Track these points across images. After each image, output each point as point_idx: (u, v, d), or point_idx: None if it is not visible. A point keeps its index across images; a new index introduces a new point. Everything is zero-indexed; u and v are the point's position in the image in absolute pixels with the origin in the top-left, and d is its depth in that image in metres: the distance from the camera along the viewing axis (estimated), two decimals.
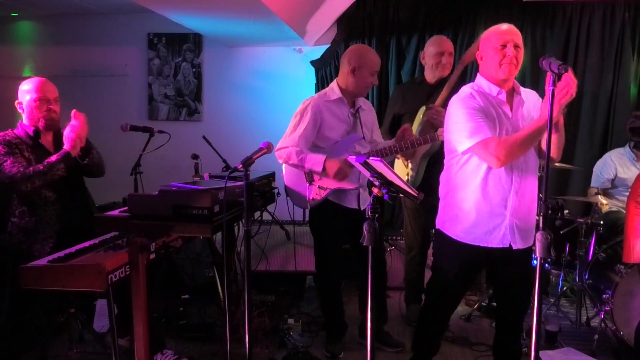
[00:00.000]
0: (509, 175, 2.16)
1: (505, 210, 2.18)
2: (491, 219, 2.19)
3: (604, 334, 3.09)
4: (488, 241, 2.21)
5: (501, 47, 2.13)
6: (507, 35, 2.14)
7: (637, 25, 4.31)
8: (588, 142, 4.41)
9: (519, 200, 2.17)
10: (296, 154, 2.76)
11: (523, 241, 2.21)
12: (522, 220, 2.19)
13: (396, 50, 4.63)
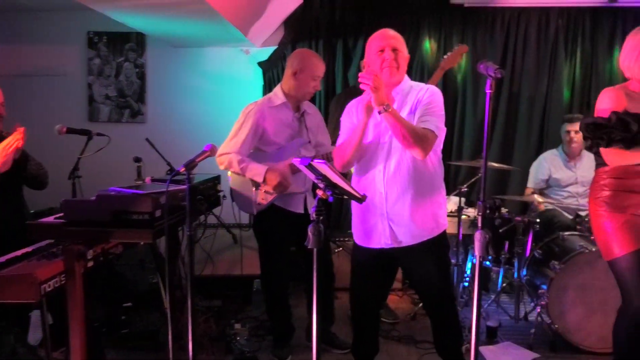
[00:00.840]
0: (377, 174, 2.23)
1: (376, 209, 2.25)
2: (368, 219, 2.28)
3: (541, 327, 3.23)
4: (371, 242, 2.29)
5: (379, 52, 2.20)
6: (383, 40, 2.22)
7: (569, 32, 4.52)
8: (525, 144, 4.59)
9: (392, 198, 2.21)
10: (238, 162, 2.74)
11: (407, 238, 2.24)
12: (399, 218, 2.22)
13: (343, 52, 4.67)
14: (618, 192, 2.30)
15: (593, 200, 2.40)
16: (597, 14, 4.46)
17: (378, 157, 2.24)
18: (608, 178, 2.34)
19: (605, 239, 2.33)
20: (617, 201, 2.30)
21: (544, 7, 4.48)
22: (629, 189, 2.29)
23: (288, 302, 3.10)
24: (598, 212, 2.36)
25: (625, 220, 2.27)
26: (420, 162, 2.22)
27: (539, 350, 3.08)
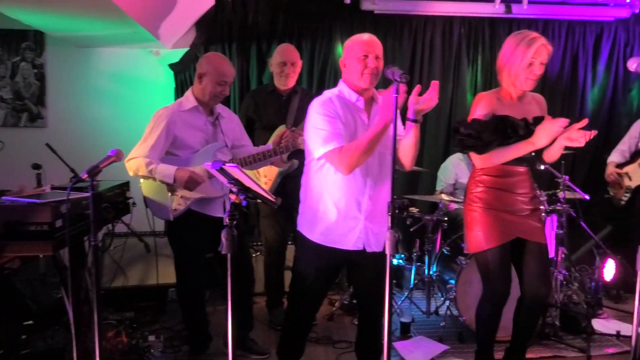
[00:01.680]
0: (364, 179, 2.25)
1: (360, 213, 2.26)
2: (346, 221, 2.27)
3: (450, 320, 3.39)
4: (343, 243, 2.28)
5: (363, 57, 2.21)
6: (369, 47, 2.23)
7: (471, 40, 4.80)
8: (433, 146, 4.81)
9: (373, 204, 2.27)
10: (146, 165, 2.63)
11: (378, 244, 2.30)
12: (376, 224, 2.29)
13: (257, 56, 4.64)
14: (491, 189, 2.49)
15: (468, 194, 2.58)
16: (495, 24, 4.76)
17: (368, 161, 2.23)
18: (483, 175, 2.53)
19: (474, 232, 2.51)
20: (490, 198, 2.48)
21: (447, 16, 4.72)
22: (501, 187, 2.48)
23: (205, 310, 3.03)
24: (471, 206, 2.54)
25: (496, 217, 2.46)
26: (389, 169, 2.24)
27: (448, 342, 3.24)
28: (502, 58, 2.48)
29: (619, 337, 3.31)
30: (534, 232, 2.53)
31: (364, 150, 2.11)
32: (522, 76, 2.40)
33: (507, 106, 2.48)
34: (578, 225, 3.88)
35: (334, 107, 2.23)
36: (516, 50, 2.40)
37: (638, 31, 4.86)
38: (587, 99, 4.94)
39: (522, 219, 2.51)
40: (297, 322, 2.48)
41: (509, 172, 2.50)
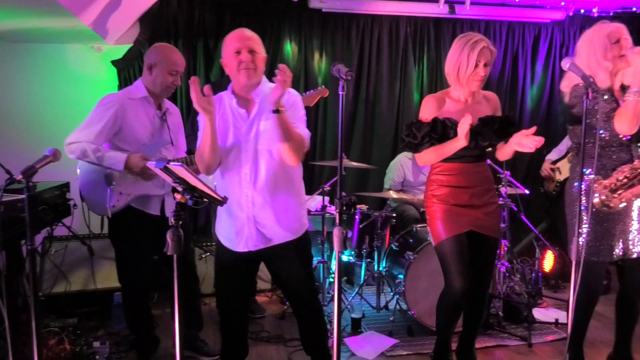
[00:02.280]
0: (239, 179, 2.23)
1: (242, 212, 2.24)
2: (234, 223, 2.27)
3: (399, 315, 3.45)
4: (237, 246, 2.29)
5: (236, 53, 2.18)
6: (239, 42, 2.19)
7: (417, 39, 4.91)
8: (382, 143, 4.89)
9: (257, 204, 2.23)
10: (93, 152, 2.54)
11: (270, 241, 2.28)
12: (266, 221, 2.25)
13: (204, 53, 4.58)
14: (444, 187, 2.61)
15: (427, 192, 2.70)
16: (440, 24, 4.89)
17: (242, 160, 2.22)
18: (435, 174, 2.66)
19: (433, 227, 2.63)
20: (444, 194, 2.60)
21: (394, 16, 4.80)
22: (453, 184, 2.59)
23: (150, 312, 2.95)
24: (430, 202, 2.65)
25: (451, 210, 2.57)
26: (285, 166, 2.25)
27: (398, 336, 3.30)
28: (449, 61, 2.56)
29: (557, 324, 3.48)
30: (488, 227, 2.62)
31: (201, 152, 2.16)
32: (468, 78, 2.49)
33: (454, 107, 2.56)
34: (519, 219, 4.04)
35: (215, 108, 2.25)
36: (461, 53, 2.48)
37: (572, 32, 5.11)
38: (527, 97, 5.15)
39: (477, 213, 2.59)
40: (227, 321, 2.45)
41: (459, 170, 2.57)
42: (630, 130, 2.37)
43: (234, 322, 2.45)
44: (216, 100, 2.24)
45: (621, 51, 2.41)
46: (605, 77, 2.45)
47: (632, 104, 2.32)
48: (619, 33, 2.43)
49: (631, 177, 2.41)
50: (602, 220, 2.48)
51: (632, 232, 2.51)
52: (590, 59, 2.46)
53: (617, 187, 2.42)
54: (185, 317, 2.87)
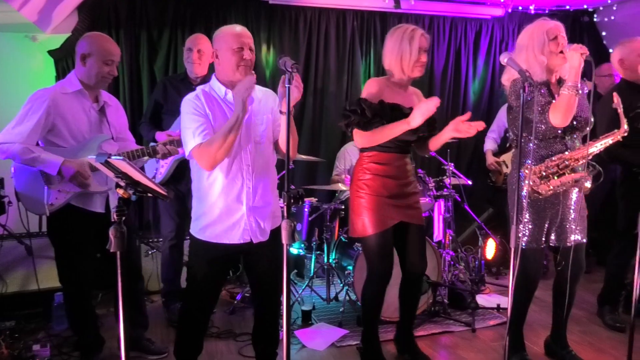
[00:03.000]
0: (241, 172, 2.24)
1: (242, 206, 2.25)
2: (229, 215, 2.25)
3: (349, 305, 3.50)
4: (230, 238, 2.27)
5: (238, 49, 2.18)
6: (243, 39, 2.19)
7: (363, 33, 4.95)
8: (331, 136, 4.91)
9: (255, 195, 2.27)
10: (25, 152, 2.41)
11: (264, 234, 2.31)
12: (261, 215, 2.29)
13: (148, 44, 4.44)
14: (377, 176, 2.64)
15: (355, 181, 2.71)
16: (386, 18, 4.95)
17: (243, 153, 2.23)
18: (369, 162, 2.67)
19: (359, 218, 2.66)
20: (376, 184, 2.64)
21: (341, 9, 4.82)
22: (385, 174, 2.64)
23: (94, 312, 2.86)
24: (358, 192, 2.68)
25: (381, 203, 2.62)
26: (273, 162, 2.35)
27: (348, 327, 3.34)
28: (390, 54, 2.62)
29: (499, 309, 3.63)
30: (414, 216, 2.73)
31: (218, 146, 2.09)
32: (413, 66, 2.58)
33: (396, 94, 2.64)
34: (463, 209, 4.18)
35: (201, 104, 2.20)
36: (402, 43, 2.57)
37: (511, 29, 5.29)
38: (470, 90, 5.31)
39: (404, 203, 2.68)
40: (193, 319, 2.41)
41: (392, 160, 2.64)
42: (563, 123, 2.49)
43: (204, 320, 2.43)
44: (204, 95, 2.22)
45: (558, 48, 2.52)
46: (542, 71, 2.57)
47: (566, 98, 2.43)
48: (557, 30, 2.54)
49: (561, 166, 2.54)
50: (540, 209, 2.60)
51: (569, 220, 2.63)
52: (529, 53, 2.57)
53: (547, 175, 2.53)
54: (130, 316, 2.81)
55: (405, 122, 2.49)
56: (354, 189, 2.70)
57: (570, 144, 2.59)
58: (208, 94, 2.24)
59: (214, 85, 2.27)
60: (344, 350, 3.08)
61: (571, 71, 2.44)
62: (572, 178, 2.53)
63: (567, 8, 5.22)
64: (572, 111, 2.46)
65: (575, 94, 2.41)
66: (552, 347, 2.96)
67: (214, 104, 2.22)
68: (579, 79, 2.43)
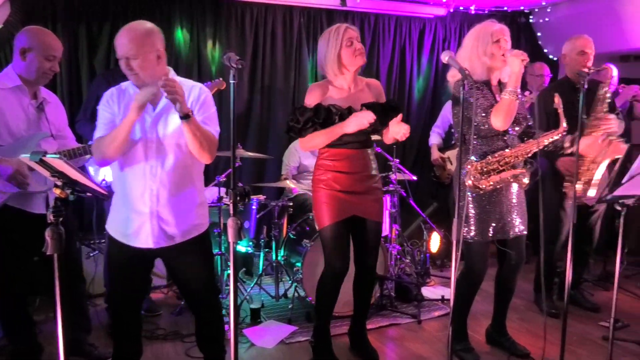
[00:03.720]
0: (144, 173, 2.14)
1: (145, 207, 2.15)
2: (132, 218, 2.17)
3: (298, 302, 3.51)
4: (135, 241, 2.18)
5: (122, 58, 2.08)
6: (120, 49, 2.09)
7: (310, 30, 4.96)
8: (278, 133, 4.89)
9: (159, 198, 2.16)
10: None
11: (178, 236, 2.20)
12: (171, 216, 2.18)
13: (87, 38, 4.28)
14: (330, 172, 2.71)
15: (313, 177, 2.79)
16: (332, 15, 4.98)
17: (148, 154, 2.14)
18: (322, 159, 2.75)
19: (318, 211, 2.74)
20: (330, 180, 2.70)
21: (287, 6, 4.81)
22: (339, 169, 2.70)
23: (31, 318, 2.73)
24: (316, 187, 2.76)
25: (335, 196, 2.69)
26: (190, 161, 2.20)
27: (297, 323, 3.35)
28: (324, 55, 2.65)
29: (444, 300, 3.74)
30: (371, 212, 2.76)
31: (107, 143, 2.07)
32: (350, 58, 2.61)
33: (337, 95, 2.67)
34: (408, 204, 4.28)
35: (111, 100, 2.19)
36: (329, 43, 2.63)
37: (453, 28, 5.45)
38: (414, 88, 5.43)
39: (360, 198, 2.71)
40: (120, 322, 2.34)
41: (345, 156, 2.67)
42: (504, 126, 2.60)
43: (128, 323, 2.34)
44: (119, 91, 2.18)
45: (499, 51, 2.61)
46: (482, 71, 2.66)
47: (506, 102, 2.54)
48: (500, 34, 2.63)
49: (501, 162, 2.64)
50: (484, 204, 2.69)
51: (510, 214, 2.74)
52: (472, 52, 2.66)
53: (488, 171, 2.64)
54: (71, 320, 2.70)
55: (340, 126, 2.57)
56: (313, 184, 2.79)
57: (510, 142, 2.70)
58: (124, 90, 2.20)
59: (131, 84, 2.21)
60: (294, 346, 3.09)
61: (512, 76, 2.54)
62: (511, 174, 2.63)
63: (505, 9, 5.43)
64: (512, 115, 2.56)
65: (516, 98, 2.52)
66: (492, 335, 3.08)
67: (128, 102, 2.15)
68: (519, 84, 2.54)
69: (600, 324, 3.37)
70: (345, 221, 2.69)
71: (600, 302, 3.74)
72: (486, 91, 2.66)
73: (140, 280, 2.36)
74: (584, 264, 3.79)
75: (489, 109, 2.61)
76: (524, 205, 2.80)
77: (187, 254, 2.26)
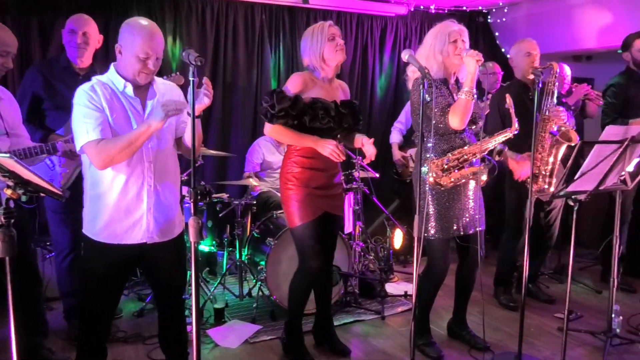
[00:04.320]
0: (142, 168, 2.13)
1: (143, 204, 2.15)
2: (129, 214, 2.14)
3: (262, 301, 3.49)
4: (130, 238, 2.15)
5: (144, 58, 2.06)
6: (152, 47, 2.07)
7: (272, 27, 4.93)
8: (241, 131, 4.86)
9: (157, 193, 2.16)
10: None
11: (163, 235, 2.21)
12: (163, 215, 2.19)
13: (39, 31, 4.13)
14: (304, 169, 2.70)
15: (284, 174, 2.75)
16: (294, 12, 4.96)
17: (144, 151, 2.11)
18: (297, 156, 2.71)
19: (290, 209, 2.71)
20: (303, 177, 2.69)
21: (249, 2, 4.77)
22: (312, 166, 2.69)
23: None
24: (287, 185, 2.73)
25: (307, 194, 2.68)
26: (175, 160, 2.26)
27: (261, 322, 3.34)
28: (308, 50, 2.67)
29: (407, 296, 3.79)
30: (337, 207, 2.83)
31: (120, 149, 2.00)
32: (333, 53, 2.65)
33: (320, 87, 2.69)
34: (371, 201, 4.31)
35: (97, 97, 2.07)
36: (313, 38, 2.66)
37: (414, 27, 5.53)
38: (377, 86, 5.47)
39: (329, 194, 2.75)
40: (93, 326, 2.27)
41: (318, 153, 2.66)
42: (461, 126, 2.66)
43: (100, 331, 2.28)
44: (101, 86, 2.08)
45: (455, 51, 2.67)
46: (439, 69, 2.72)
47: (463, 102, 2.60)
48: (458, 34, 2.69)
49: (461, 160, 2.69)
50: (444, 201, 2.74)
51: (469, 210, 2.80)
52: (430, 51, 2.72)
53: (448, 168, 2.69)
54: (27, 324, 2.60)
55: (313, 141, 2.60)
56: (283, 182, 2.74)
57: (467, 139, 2.76)
58: (106, 85, 2.11)
59: (112, 77, 2.13)
60: (258, 345, 3.07)
61: (467, 76, 2.62)
62: (471, 171, 2.69)
63: (464, 9, 5.54)
64: (468, 114, 2.63)
65: (472, 98, 2.59)
66: (453, 329, 3.15)
67: (112, 97, 2.10)
68: (474, 84, 2.60)
69: (556, 316, 3.49)
70: (319, 219, 2.70)
71: (555, 294, 3.87)
72: (444, 90, 2.71)
73: (121, 284, 2.31)
74: (542, 259, 3.91)
75: (446, 108, 2.67)
76: (481, 201, 2.87)
77: (171, 252, 2.26)
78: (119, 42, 2.11)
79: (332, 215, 2.78)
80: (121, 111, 2.10)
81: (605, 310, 3.08)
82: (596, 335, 3.16)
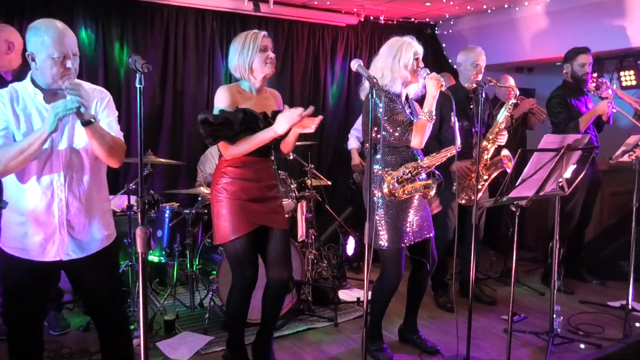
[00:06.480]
0: (52, 179, 2.02)
1: (54, 219, 2.04)
2: (39, 230, 2.03)
3: (214, 311, 3.44)
4: (41, 255, 2.05)
5: (60, 59, 1.96)
6: (65, 45, 1.97)
7: (224, 34, 4.89)
8: (192, 138, 4.78)
9: (69, 206, 2.06)
10: None
11: (82, 250, 2.11)
12: (80, 227, 2.10)
13: None
14: (236, 180, 2.60)
15: (214, 186, 2.65)
16: (246, 20, 4.94)
17: (54, 162, 2.01)
18: (227, 167, 2.62)
19: (221, 223, 2.59)
20: (235, 188, 2.59)
21: (199, 9, 4.72)
22: (245, 177, 2.60)
23: None
24: (217, 197, 2.62)
25: (241, 206, 2.58)
26: (97, 169, 2.12)
27: (213, 333, 3.28)
28: (237, 58, 2.57)
29: (359, 303, 3.83)
30: (277, 220, 2.70)
31: (13, 155, 1.89)
32: (261, 65, 2.56)
33: (248, 99, 2.60)
34: (324, 209, 4.33)
35: (2, 105, 1.98)
36: (245, 47, 2.55)
37: (364, 37, 5.62)
38: (329, 95, 5.52)
39: (265, 207, 2.65)
40: (18, 343, 2.16)
41: (250, 163, 2.60)
42: (421, 145, 2.76)
43: (32, 342, 2.17)
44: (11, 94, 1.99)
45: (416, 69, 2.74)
46: (398, 83, 2.76)
47: (423, 123, 2.69)
48: (418, 54, 2.77)
49: (414, 173, 2.75)
50: (393, 211, 2.78)
51: (418, 219, 2.86)
52: (394, 64, 2.74)
53: (403, 180, 2.74)
54: None
55: (271, 129, 2.48)
56: (214, 194, 2.63)
57: (415, 153, 2.82)
58: (17, 93, 2.02)
59: (27, 84, 2.03)
60: (209, 357, 3.02)
61: (428, 99, 2.71)
62: (423, 184, 2.76)
63: (413, 20, 5.69)
64: (427, 134, 2.72)
65: (431, 120, 2.69)
66: (404, 334, 3.20)
67: (25, 104, 2.00)
68: (434, 106, 2.69)
69: (502, 318, 3.61)
70: (254, 232, 2.61)
71: (502, 296, 4.00)
72: (399, 103, 2.76)
73: (40, 297, 2.19)
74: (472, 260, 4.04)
75: (402, 123, 2.72)
76: (428, 209, 2.94)
77: (94, 265, 2.15)
78: (28, 49, 2.00)
79: (272, 230, 2.67)
80: (39, 117, 2.01)
81: (548, 311, 3.21)
82: (539, 336, 3.29)
